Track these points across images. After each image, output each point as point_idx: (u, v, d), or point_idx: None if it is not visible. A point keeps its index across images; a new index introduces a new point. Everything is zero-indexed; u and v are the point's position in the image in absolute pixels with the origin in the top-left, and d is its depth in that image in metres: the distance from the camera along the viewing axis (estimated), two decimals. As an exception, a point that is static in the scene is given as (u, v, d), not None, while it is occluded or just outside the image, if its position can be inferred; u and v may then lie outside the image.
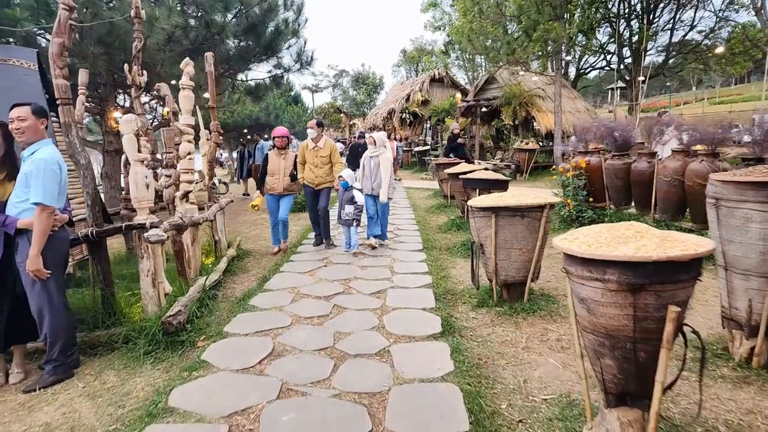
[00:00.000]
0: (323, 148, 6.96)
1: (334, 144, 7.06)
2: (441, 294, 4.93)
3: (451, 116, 22.81)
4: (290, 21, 13.37)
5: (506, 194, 4.87)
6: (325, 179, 7.00)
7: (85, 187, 4.02)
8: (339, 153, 7.40)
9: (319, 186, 7.02)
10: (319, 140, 6.96)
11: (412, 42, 56.13)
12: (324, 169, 6.96)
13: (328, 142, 7.02)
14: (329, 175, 7.02)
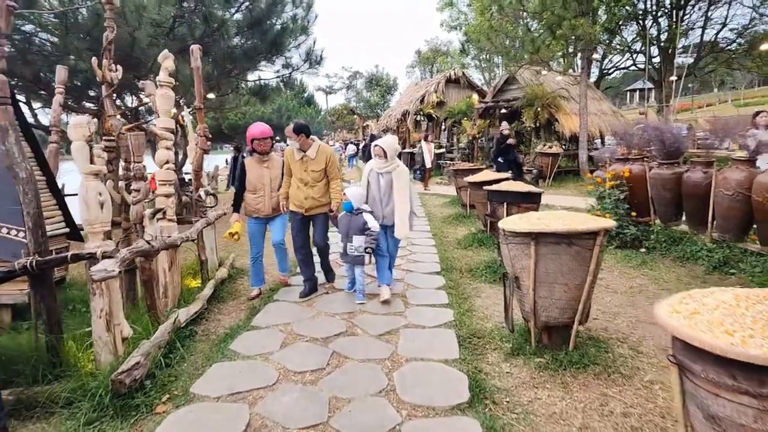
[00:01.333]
0: (315, 158, 4.90)
1: (332, 152, 5.03)
2: (466, 337, 4.04)
3: (467, 118, 21.84)
4: (299, 18, 12.60)
5: (548, 215, 3.96)
6: (318, 201, 4.98)
7: (25, 205, 3.21)
8: (340, 161, 6.31)
9: (310, 211, 5.01)
10: (307, 147, 4.92)
11: (426, 42, 55.36)
12: (317, 188, 4.95)
13: (322, 149, 4.96)
14: (324, 196, 5.01)
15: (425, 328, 4.22)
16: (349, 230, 4.84)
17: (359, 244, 4.79)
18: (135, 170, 3.84)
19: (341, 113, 56.78)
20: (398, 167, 4.92)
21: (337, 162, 5.11)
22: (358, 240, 4.79)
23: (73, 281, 5.65)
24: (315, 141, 4.97)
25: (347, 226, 4.86)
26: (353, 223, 4.83)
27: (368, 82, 64.18)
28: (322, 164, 4.94)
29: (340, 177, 5.12)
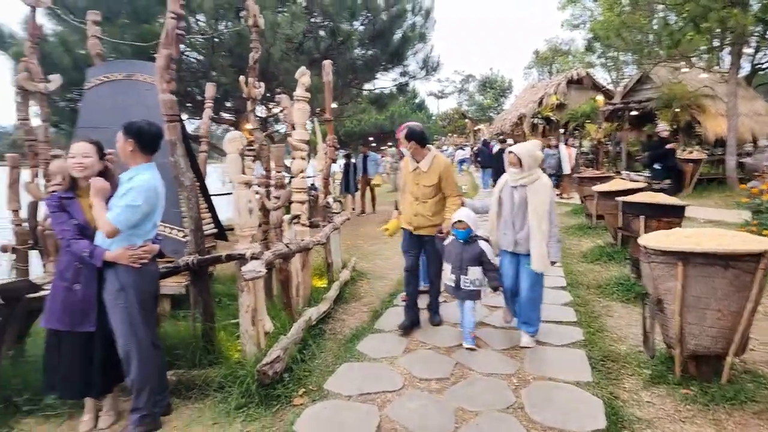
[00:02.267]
0: (427, 171, 4.27)
1: (447, 164, 4.34)
2: (598, 359, 3.80)
3: (591, 121, 20.57)
4: (417, 26, 12.80)
5: (698, 232, 3.60)
6: (428, 221, 4.35)
7: (188, 210, 3.64)
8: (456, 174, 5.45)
9: (419, 230, 4.41)
10: (420, 157, 4.32)
11: (546, 42, 52.84)
12: (428, 205, 4.31)
13: (436, 161, 4.28)
14: (437, 215, 4.34)
15: (553, 346, 4.05)
16: (462, 261, 4.04)
17: (476, 277, 4.01)
18: (276, 179, 4.17)
19: (452, 117, 56.43)
20: (537, 180, 3.98)
21: (454, 176, 4.42)
22: (475, 272, 4.02)
23: (217, 276, 6.25)
24: (430, 151, 4.31)
25: (459, 256, 4.05)
26: (467, 252, 4.04)
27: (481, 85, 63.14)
28: (435, 179, 4.25)
29: (458, 194, 4.39)
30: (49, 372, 2.89)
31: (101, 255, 2.76)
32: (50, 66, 7.45)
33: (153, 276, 2.97)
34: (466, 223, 4.00)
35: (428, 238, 4.42)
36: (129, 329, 2.81)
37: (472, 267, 4.03)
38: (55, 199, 2.87)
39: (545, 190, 3.97)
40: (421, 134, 4.27)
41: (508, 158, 4.31)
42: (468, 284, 4.03)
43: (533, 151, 4.05)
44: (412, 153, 4.33)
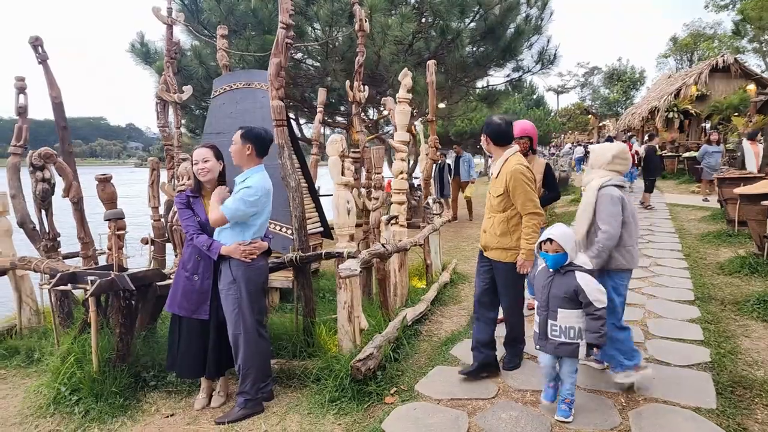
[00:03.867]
0: (497, 177, 3.43)
1: (517, 170, 3.29)
2: (726, 384, 3.34)
3: (740, 113, 18.15)
4: (532, 18, 12.24)
5: None
6: (496, 241, 3.44)
7: (293, 210, 3.86)
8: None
9: (488, 251, 3.54)
10: (496, 158, 3.49)
11: (686, 27, 47.74)
12: (497, 221, 3.44)
13: (507, 165, 3.35)
14: (507, 236, 3.40)
15: (670, 366, 3.64)
16: (549, 298, 2.95)
17: (570, 324, 2.88)
18: (375, 180, 4.27)
19: (573, 113, 53.30)
20: (592, 181, 3.39)
21: (527, 186, 3.28)
22: (568, 317, 2.89)
23: (323, 272, 6.55)
24: (507, 150, 3.41)
25: (546, 290, 2.97)
26: (556, 286, 2.93)
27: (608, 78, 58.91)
28: (501, 187, 3.36)
29: (536, 211, 3.30)
30: (171, 352, 3.27)
31: (218, 249, 3.07)
32: (186, 78, 8.39)
33: (262, 270, 3.22)
34: (558, 243, 2.89)
35: (498, 264, 3.45)
36: (238, 318, 3.08)
37: (563, 309, 2.90)
38: (183, 197, 3.24)
39: (590, 192, 3.34)
40: (497, 128, 3.38)
41: None
42: (557, 333, 2.90)
43: (605, 151, 3.39)
44: (488, 152, 3.55)
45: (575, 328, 2.88)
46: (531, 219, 3.30)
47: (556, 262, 2.94)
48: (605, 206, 3.21)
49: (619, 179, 3.35)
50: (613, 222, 3.17)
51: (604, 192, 3.25)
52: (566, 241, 2.92)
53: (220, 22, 7.45)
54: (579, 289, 2.85)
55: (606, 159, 3.36)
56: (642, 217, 11.01)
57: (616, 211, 3.20)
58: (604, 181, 3.30)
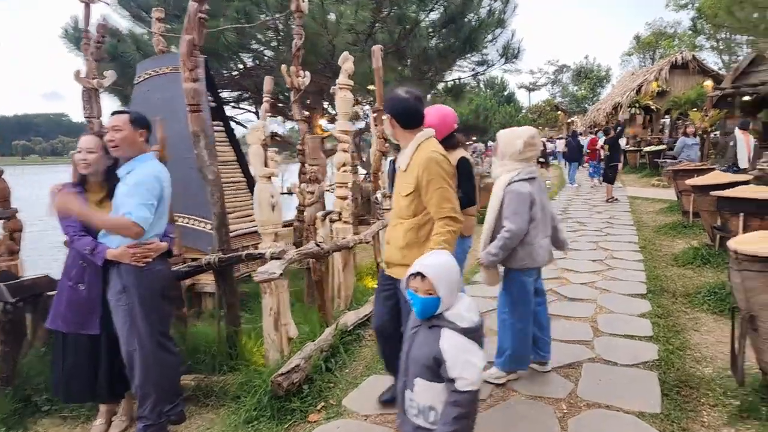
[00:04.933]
0: (406, 171, 2.64)
1: (433, 159, 2.51)
2: (672, 384, 3.16)
3: (697, 108, 18.48)
4: (496, 11, 12.12)
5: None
6: (400, 256, 2.64)
7: (212, 205, 3.51)
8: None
9: (390, 268, 2.79)
10: (404, 146, 2.70)
11: (648, 26, 48.89)
12: (402, 229, 2.66)
13: (420, 154, 2.57)
14: (416, 250, 2.51)
15: (617, 366, 3.44)
16: (408, 358, 2.04)
17: (427, 403, 1.95)
18: (310, 173, 3.96)
19: (543, 110, 54.15)
20: (501, 176, 3.14)
21: (445, 181, 2.50)
22: (426, 391, 1.95)
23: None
24: (419, 134, 2.59)
25: (408, 345, 2.07)
26: (418, 344, 2.00)
27: (575, 75, 60.01)
28: (412, 183, 2.54)
29: (454, 216, 2.49)
30: (55, 373, 2.85)
31: (103, 253, 2.64)
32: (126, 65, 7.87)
33: (160, 275, 2.80)
34: (430, 281, 1.89)
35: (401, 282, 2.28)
36: (131, 332, 2.69)
37: (422, 380, 1.95)
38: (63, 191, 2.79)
39: (498, 188, 3.09)
40: (405, 105, 2.56)
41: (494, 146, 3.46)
42: (415, 411, 1.98)
43: (513, 138, 3.08)
44: (394, 138, 2.73)
45: (436, 410, 1.92)
46: (446, 225, 2.48)
47: (424, 308, 1.92)
48: (512, 203, 3.00)
49: (529, 171, 3.12)
50: (518, 220, 2.98)
51: (512, 188, 3.03)
52: (442, 280, 1.90)
53: (158, 4, 6.99)
54: (440, 357, 1.86)
55: (516, 148, 3.07)
56: (603, 210, 11.00)
57: (523, 209, 3.00)
58: (512, 176, 3.07)
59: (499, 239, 3.00)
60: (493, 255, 3.02)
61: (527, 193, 3.03)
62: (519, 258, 3.07)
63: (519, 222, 2.98)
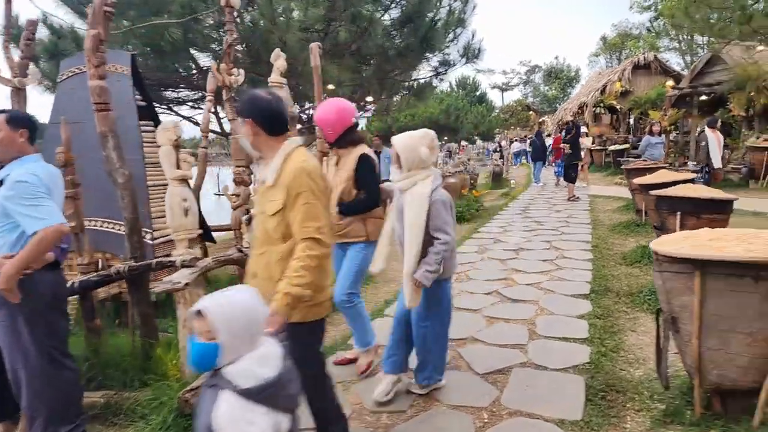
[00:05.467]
0: (274, 186, 2.17)
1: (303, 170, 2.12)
2: (599, 388, 3.09)
3: (657, 108, 18.85)
4: (456, 10, 12.09)
5: (727, 234, 2.83)
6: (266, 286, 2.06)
7: (123, 210, 3.31)
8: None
9: None
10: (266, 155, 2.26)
11: (614, 27, 49.89)
12: (274, 256, 2.18)
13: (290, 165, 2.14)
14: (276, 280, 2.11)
15: (547, 370, 3.37)
16: None
17: None
18: (235, 174, 3.78)
19: (515, 110, 54.86)
20: (415, 185, 2.82)
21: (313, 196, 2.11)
22: None
23: (216, 278, 5.96)
24: (286, 144, 2.20)
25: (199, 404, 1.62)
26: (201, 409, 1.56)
27: (546, 76, 60.89)
28: (280, 200, 2.13)
29: (318, 237, 2.08)
30: None
31: None
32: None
33: (48, 284, 2.56)
34: (211, 321, 1.50)
35: None
36: (14, 348, 2.47)
37: None
38: None
39: (420, 200, 2.78)
40: (268, 108, 2.16)
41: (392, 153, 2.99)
42: None
43: (415, 145, 2.82)
44: (255, 147, 2.26)
45: None
46: (307, 249, 2.05)
47: (198, 356, 1.52)
48: (440, 213, 2.81)
49: (438, 174, 2.99)
50: (449, 229, 2.85)
51: (437, 198, 2.83)
52: (225, 321, 1.50)
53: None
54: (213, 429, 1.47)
55: (422, 155, 2.83)
56: (563, 209, 11.07)
57: (450, 217, 2.89)
58: (433, 184, 2.86)
59: (435, 253, 2.78)
60: (433, 271, 2.79)
61: (449, 199, 2.93)
62: (447, 267, 2.97)
63: (450, 230, 2.85)
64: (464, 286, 5.39)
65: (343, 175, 3.25)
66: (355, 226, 3.31)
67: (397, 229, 2.98)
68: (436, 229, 2.79)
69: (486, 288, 5.26)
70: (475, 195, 11.39)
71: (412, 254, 2.78)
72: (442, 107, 38.19)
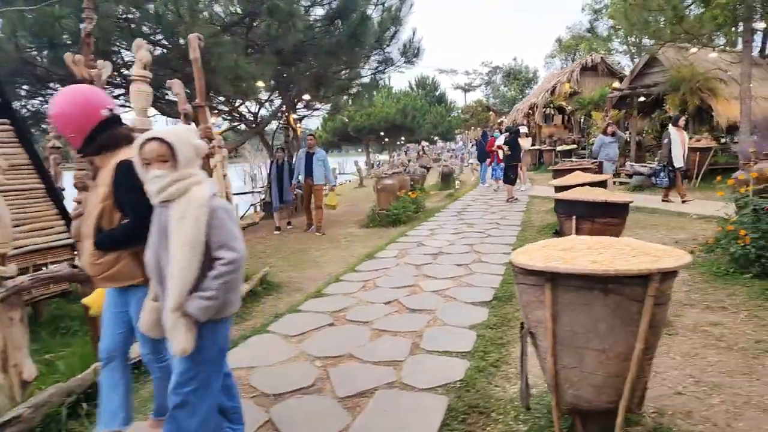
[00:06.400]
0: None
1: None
2: (461, 410, 2.85)
3: (599, 109, 19.16)
4: (393, 8, 11.89)
5: (580, 243, 2.62)
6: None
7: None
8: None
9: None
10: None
11: (568, 29, 50.91)
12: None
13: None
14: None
15: (414, 391, 3.10)
16: None
17: None
18: (76, 179, 3.37)
19: (475, 110, 55.50)
20: (189, 191, 2.10)
21: None
22: None
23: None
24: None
25: None
26: None
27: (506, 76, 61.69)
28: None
29: None
30: None
31: None
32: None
33: None
34: None
35: None
36: None
37: None
38: None
39: (197, 209, 2.06)
40: None
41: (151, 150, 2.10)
42: None
43: (189, 135, 2.20)
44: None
45: None
46: None
47: None
48: (225, 224, 2.10)
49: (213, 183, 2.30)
50: (237, 243, 2.11)
51: (219, 205, 2.13)
52: None
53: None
54: None
55: (200, 150, 2.21)
56: (498, 210, 10.98)
57: (237, 228, 2.17)
58: (213, 187, 2.20)
59: (217, 277, 2.04)
60: (213, 299, 2.03)
61: (229, 207, 2.29)
62: (230, 300, 2.16)
63: (241, 246, 2.12)
64: (366, 295, 5.11)
65: (100, 193, 2.41)
66: (124, 264, 2.42)
67: (162, 258, 2.11)
68: (220, 245, 2.07)
69: (388, 296, 5.00)
70: (411, 196, 11.16)
71: (184, 282, 2.02)
72: (398, 107, 38.11)
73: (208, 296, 2.03)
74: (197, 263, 2.04)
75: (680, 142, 10.13)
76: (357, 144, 45.12)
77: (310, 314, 4.59)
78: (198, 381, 2.10)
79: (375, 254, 7.00)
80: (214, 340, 2.15)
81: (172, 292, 2.02)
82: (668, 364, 3.33)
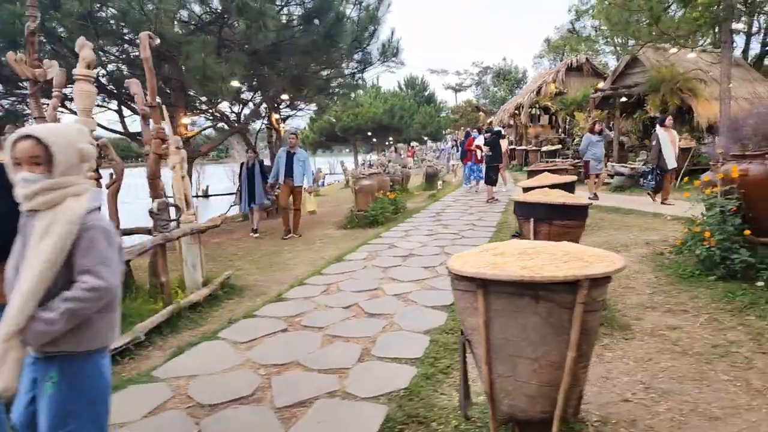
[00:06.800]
0: None
1: None
2: (400, 420, 2.75)
3: (582, 109, 19.19)
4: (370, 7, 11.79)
5: (514, 247, 2.54)
6: None
7: None
8: None
9: None
10: None
11: (557, 30, 51.08)
12: None
13: None
14: None
15: (355, 400, 3.00)
16: None
17: None
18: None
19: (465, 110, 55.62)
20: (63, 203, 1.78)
21: None
22: None
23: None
24: None
25: None
26: None
27: (495, 77, 61.85)
28: None
29: None
30: None
31: None
32: None
33: None
34: None
35: None
36: None
37: None
38: None
39: (66, 224, 1.74)
40: None
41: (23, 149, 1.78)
42: None
43: (75, 138, 1.87)
44: None
45: None
46: None
47: None
48: (98, 245, 1.78)
49: (97, 194, 1.93)
50: (107, 272, 1.77)
51: (95, 223, 1.82)
52: None
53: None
54: None
55: (84, 153, 1.88)
56: (476, 211, 10.91)
57: (113, 254, 1.84)
58: (91, 203, 1.85)
59: (69, 300, 1.70)
60: (51, 323, 1.68)
61: (112, 228, 1.90)
62: (98, 332, 1.83)
63: (114, 276, 1.80)
64: (327, 299, 5.00)
65: None
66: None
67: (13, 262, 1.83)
68: (84, 270, 1.75)
69: (349, 301, 4.89)
70: (390, 197, 11.06)
71: (28, 301, 1.67)
72: (386, 107, 38.04)
73: (45, 318, 1.67)
74: (44, 286, 1.69)
75: (670, 143, 9.85)
76: (346, 144, 45.02)
77: (265, 319, 4.48)
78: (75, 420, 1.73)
79: (344, 257, 6.89)
80: (86, 377, 1.80)
81: (11, 313, 1.66)
82: (621, 369, 3.26)
